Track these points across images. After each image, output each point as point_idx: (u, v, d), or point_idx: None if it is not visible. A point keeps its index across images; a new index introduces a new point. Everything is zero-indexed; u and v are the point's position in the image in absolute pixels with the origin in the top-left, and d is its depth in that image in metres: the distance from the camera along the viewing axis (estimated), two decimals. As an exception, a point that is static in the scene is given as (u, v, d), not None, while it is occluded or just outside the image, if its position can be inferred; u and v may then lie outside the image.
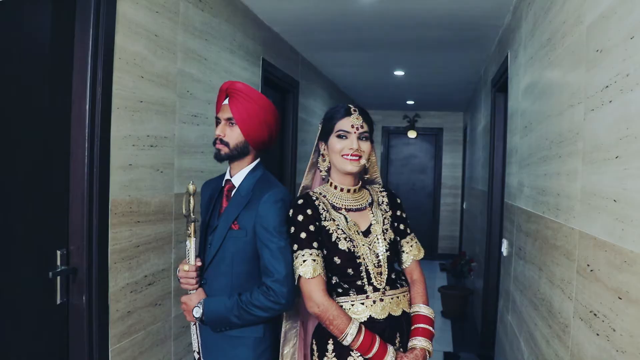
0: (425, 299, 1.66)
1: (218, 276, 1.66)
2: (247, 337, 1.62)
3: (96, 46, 1.85)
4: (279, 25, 3.74)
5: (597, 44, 1.39)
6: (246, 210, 1.64)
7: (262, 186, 1.67)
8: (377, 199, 1.71)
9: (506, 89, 3.62)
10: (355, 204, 1.66)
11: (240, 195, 1.68)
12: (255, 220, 1.60)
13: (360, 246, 1.57)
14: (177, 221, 2.44)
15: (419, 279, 1.70)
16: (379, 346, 1.48)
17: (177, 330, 2.48)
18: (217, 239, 1.65)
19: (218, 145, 1.68)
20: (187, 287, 1.69)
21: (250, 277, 1.64)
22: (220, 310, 1.58)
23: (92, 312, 1.88)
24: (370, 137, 1.64)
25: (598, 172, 1.34)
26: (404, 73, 5.36)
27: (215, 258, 1.66)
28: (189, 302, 1.66)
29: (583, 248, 1.45)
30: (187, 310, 1.66)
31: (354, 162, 1.59)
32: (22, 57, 1.71)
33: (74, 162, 1.85)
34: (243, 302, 1.55)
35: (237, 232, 1.63)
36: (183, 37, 2.44)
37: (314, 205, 1.61)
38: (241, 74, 3.22)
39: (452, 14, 3.26)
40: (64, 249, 1.83)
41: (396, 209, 1.71)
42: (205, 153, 2.74)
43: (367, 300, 1.55)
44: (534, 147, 2.19)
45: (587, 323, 1.37)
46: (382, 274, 1.58)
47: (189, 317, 1.67)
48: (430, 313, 1.62)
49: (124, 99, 2.00)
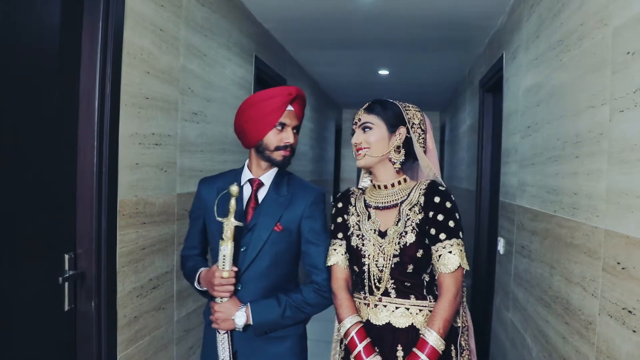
0: (439, 324, 1.41)
1: (256, 279, 1.61)
2: (292, 336, 1.64)
3: (105, 40, 1.77)
4: (270, 22, 3.69)
5: (628, 46, 1.41)
6: (288, 210, 1.62)
7: (298, 185, 1.69)
8: (413, 197, 1.55)
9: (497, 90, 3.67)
10: (383, 202, 1.59)
11: (280, 195, 1.64)
12: (301, 222, 1.63)
13: (370, 246, 1.54)
14: (180, 222, 2.37)
15: (443, 296, 1.45)
16: (363, 349, 1.45)
17: (179, 334, 2.41)
18: (256, 240, 1.60)
19: (288, 152, 1.63)
20: (223, 295, 1.56)
21: (290, 277, 1.68)
22: (271, 314, 1.55)
23: (100, 318, 1.80)
24: (391, 127, 1.56)
25: (630, 172, 1.36)
26: (389, 72, 5.38)
27: (255, 261, 1.60)
28: (226, 310, 1.55)
29: (611, 246, 1.47)
30: (224, 320, 1.56)
31: (359, 156, 1.59)
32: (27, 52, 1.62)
33: (82, 161, 1.77)
34: (296, 302, 1.57)
35: (280, 233, 1.61)
36: (185, 33, 2.38)
37: (347, 198, 1.67)
38: (237, 71, 3.16)
39: (445, 14, 3.29)
40: (71, 253, 1.74)
41: (430, 210, 1.49)
42: (205, 152, 2.68)
43: (366, 301, 1.56)
44: (541, 147, 2.22)
45: (620, 320, 1.39)
46: (381, 279, 1.51)
47: (225, 325, 1.56)
48: (437, 344, 1.40)
49: (132, 95, 1.93)
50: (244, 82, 3.31)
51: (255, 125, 1.59)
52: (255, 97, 1.61)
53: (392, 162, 1.58)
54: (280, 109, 1.58)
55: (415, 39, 3.95)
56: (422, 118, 1.61)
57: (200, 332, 2.67)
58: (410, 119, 1.58)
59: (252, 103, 1.60)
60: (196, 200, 1.77)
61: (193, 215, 1.78)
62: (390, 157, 1.57)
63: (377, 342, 1.50)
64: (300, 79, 5.23)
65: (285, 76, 4.51)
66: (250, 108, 1.60)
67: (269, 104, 1.57)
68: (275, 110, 1.57)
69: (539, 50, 2.30)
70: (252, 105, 1.60)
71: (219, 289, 1.54)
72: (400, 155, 1.57)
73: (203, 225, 1.75)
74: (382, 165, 1.59)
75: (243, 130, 1.63)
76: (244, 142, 1.68)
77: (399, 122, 1.57)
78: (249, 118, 1.60)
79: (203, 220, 1.74)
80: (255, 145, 1.63)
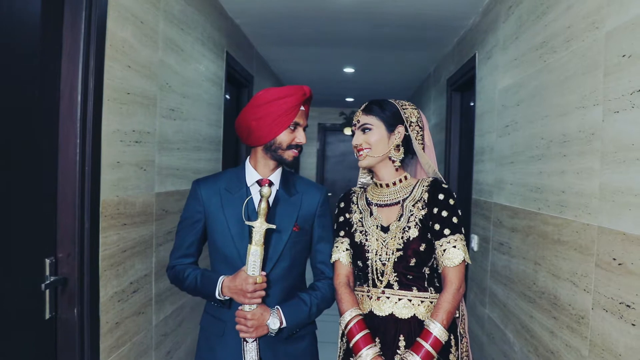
0: (443, 316, 1.44)
1: (277, 281, 1.57)
2: (309, 334, 1.68)
3: (89, 30, 1.67)
4: (241, 17, 3.61)
5: (622, 49, 1.45)
6: (302, 210, 1.62)
7: (304, 184, 1.69)
8: (416, 194, 1.59)
9: (466, 89, 3.75)
10: (385, 199, 1.63)
11: (291, 195, 1.62)
12: (314, 220, 1.65)
13: (373, 241, 1.59)
14: (158, 222, 2.28)
15: (447, 289, 1.48)
16: (360, 339, 1.50)
17: (158, 339, 2.32)
18: (277, 242, 1.56)
19: (298, 152, 1.61)
20: (257, 302, 1.48)
21: (303, 276, 1.70)
22: (301, 313, 1.56)
23: (83, 326, 1.70)
24: (390, 126, 1.59)
25: (627, 171, 1.41)
26: (354, 70, 5.40)
27: (277, 262, 1.56)
28: (259, 317, 1.48)
29: (606, 243, 1.51)
30: (258, 327, 1.48)
31: (360, 157, 1.63)
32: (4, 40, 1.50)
33: (64, 159, 1.66)
34: (318, 299, 1.60)
35: (298, 233, 1.60)
36: (164, 25, 2.28)
37: (349, 198, 1.73)
38: (210, 66, 3.08)
39: (416, 13, 3.32)
40: (52, 257, 1.63)
41: (433, 207, 1.54)
42: (181, 150, 2.59)
43: (369, 293, 1.60)
44: (522, 146, 2.27)
45: (616, 314, 1.43)
46: (384, 272, 1.56)
47: (258, 332, 1.49)
48: (441, 335, 1.43)
49: (114, 90, 1.83)
50: (215, 79, 3.22)
51: (269, 124, 1.54)
52: (268, 95, 1.54)
53: (392, 161, 1.62)
54: (296, 108, 1.55)
55: (383, 37, 3.97)
56: (419, 115, 1.64)
57: (177, 336, 2.59)
58: (408, 118, 1.61)
59: (265, 101, 1.53)
60: (194, 204, 1.64)
61: (189, 220, 1.63)
62: (390, 155, 1.62)
63: (380, 332, 1.55)
64: (266, 76, 5.15)
65: (253, 73, 4.44)
66: (263, 106, 1.53)
67: (284, 103, 1.53)
68: (290, 109, 1.54)
69: (519, 51, 2.35)
70: (265, 103, 1.53)
71: (252, 295, 1.46)
72: (399, 153, 1.61)
73: (203, 231, 1.65)
74: (383, 164, 1.63)
75: (250, 128, 1.57)
76: (249, 140, 1.61)
77: (397, 121, 1.61)
78: (261, 116, 1.54)
79: (203, 225, 1.64)
80: (266, 144, 1.58)
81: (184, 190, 2.61)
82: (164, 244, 2.35)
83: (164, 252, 2.36)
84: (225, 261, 1.58)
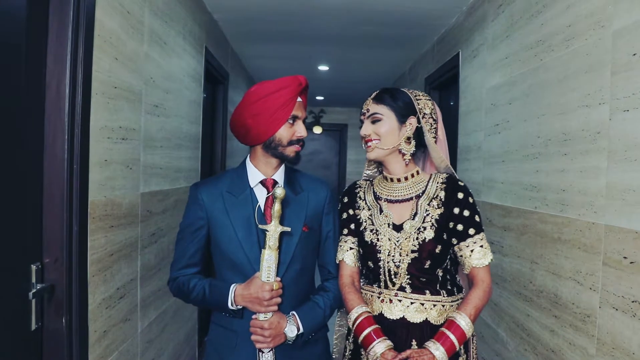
0: (471, 310, 1.40)
1: (290, 285, 1.49)
2: (322, 337, 1.62)
3: (77, 18, 1.55)
4: (219, 12, 3.50)
5: (632, 48, 1.46)
6: (309, 209, 1.54)
7: (308, 181, 1.62)
8: (430, 191, 1.52)
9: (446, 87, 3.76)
10: (396, 195, 1.54)
11: (297, 194, 1.54)
12: (323, 218, 1.59)
13: (385, 241, 1.50)
14: (143, 224, 2.17)
15: (479, 285, 1.45)
16: (371, 332, 1.43)
17: (143, 347, 2.20)
18: (287, 244, 1.48)
19: (300, 147, 1.52)
20: (274, 310, 1.42)
21: (313, 279, 1.63)
22: (317, 317, 1.51)
23: (72, 336, 1.58)
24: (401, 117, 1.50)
25: (637, 170, 1.41)
26: (328, 68, 5.35)
27: (290, 265, 1.48)
28: (277, 325, 1.41)
29: (615, 241, 1.52)
30: (276, 336, 1.41)
31: (369, 149, 1.54)
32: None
33: (50, 157, 1.53)
34: (331, 301, 1.55)
35: (308, 233, 1.53)
36: (149, 17, 2.17)
37: (354, 192, 1.64)
38: (190, 62, 2.96)
39: (396, 10, 3.30)
40: (38, 263, 1.51)
41: (453, 206, 1.47)
42: (164, 148, 2.47)
43: (380, 295, 1.51)
44: (514, 144, 2.28)
45: (628, 313, 1.43)
46: (398, 274, 1.48)
47: (275, 342, 1.42)
48: (467, 329, 1.38)
49: (102, 83, 1.72)
50: (195, 74, 3.11)
51: (266, 120, 1.45)
52: (262, 89, 1.46)
53: (402, 154, 1.53)
54: (292, 101, 1.47)
55: (360, 35, 3.94)
56: (433, 107, 1.56)
57: (161, 342, 2.47)
58: (422, 109, 1.53)
59: (260, 96, 1.44)
60: (195, 210, 1.53)
61: (190, 228, 1.53)
62: (401, 148, 1.52)
63: (390, 336, 1.46)
64: (240, 73, 5.04)
65: (228, 70, 4.32)
66: (258, 102, 1.44)
67: (280, 96, 1.44)
68: (287, 102, 1.45)
69: (510, 49, 2.35)
70: (261, 98, 1.44)
71: (269, 302, 1.38)
72: (410, 146, 1.53)
73: (206, 238, 1.54)
74: (393, 157, 1.55)
75: (247, 126, 1.48)
76: (247, 138, 1.52)
77: (410, 112, 1.52)
78: (257, 112, 1.45)
79: (206, 232, 1.53)
80: (265, 142, 1.49)
81: (166, 190, 2.49)
82: (148, 246, 2.24)
83: (149, 254, 2.25)
84: (234, 268, 1.48)
